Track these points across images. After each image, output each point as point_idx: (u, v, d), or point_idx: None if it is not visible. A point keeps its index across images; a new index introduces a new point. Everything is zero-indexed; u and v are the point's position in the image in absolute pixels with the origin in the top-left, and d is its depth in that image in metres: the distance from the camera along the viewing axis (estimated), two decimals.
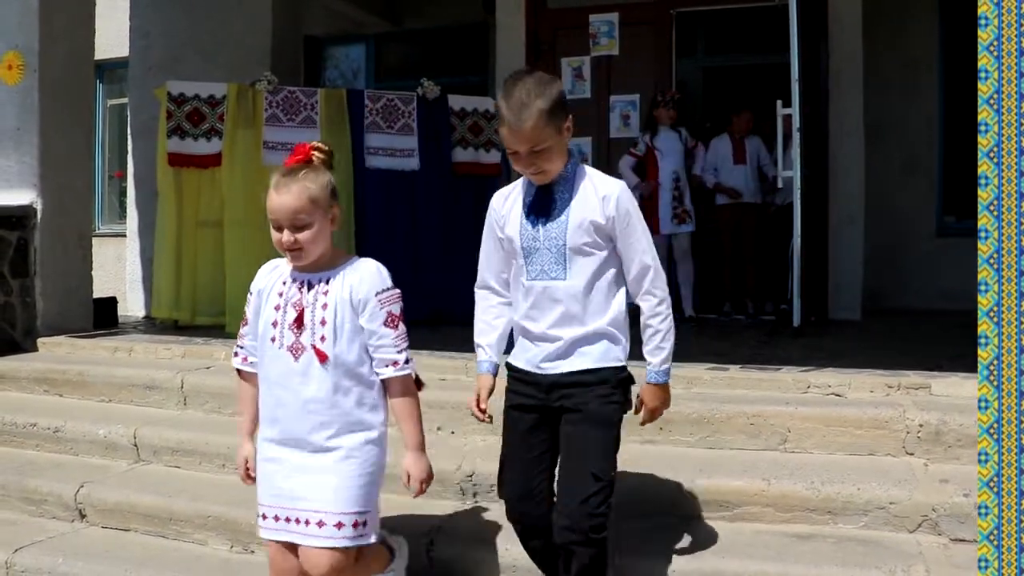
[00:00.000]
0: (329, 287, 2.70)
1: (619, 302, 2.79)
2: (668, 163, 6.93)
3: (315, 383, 2.65)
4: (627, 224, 2.70)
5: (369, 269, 2.74)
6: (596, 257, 2.71)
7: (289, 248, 2.66)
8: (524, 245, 2.75)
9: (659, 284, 2.77)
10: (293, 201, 2.61)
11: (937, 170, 8.06)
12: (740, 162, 7.23)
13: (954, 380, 4.08)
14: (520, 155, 2.63)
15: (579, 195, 2.71)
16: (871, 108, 7.23)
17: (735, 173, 7.22)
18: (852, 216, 7.11)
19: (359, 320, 2.68)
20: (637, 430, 3.91)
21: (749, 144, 7.24)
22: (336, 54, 10.07)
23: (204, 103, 6.63)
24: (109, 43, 9.12)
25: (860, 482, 3.40)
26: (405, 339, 2.74)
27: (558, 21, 7.71)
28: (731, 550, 3.18)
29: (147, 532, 3.80)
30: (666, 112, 6.94)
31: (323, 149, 2.75)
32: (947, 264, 7.77)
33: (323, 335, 2.65)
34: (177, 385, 4.77)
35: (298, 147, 2.75)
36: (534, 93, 2.58)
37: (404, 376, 2.73)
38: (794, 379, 4.13)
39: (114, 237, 9.76)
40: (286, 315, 2.70)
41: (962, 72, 7.95)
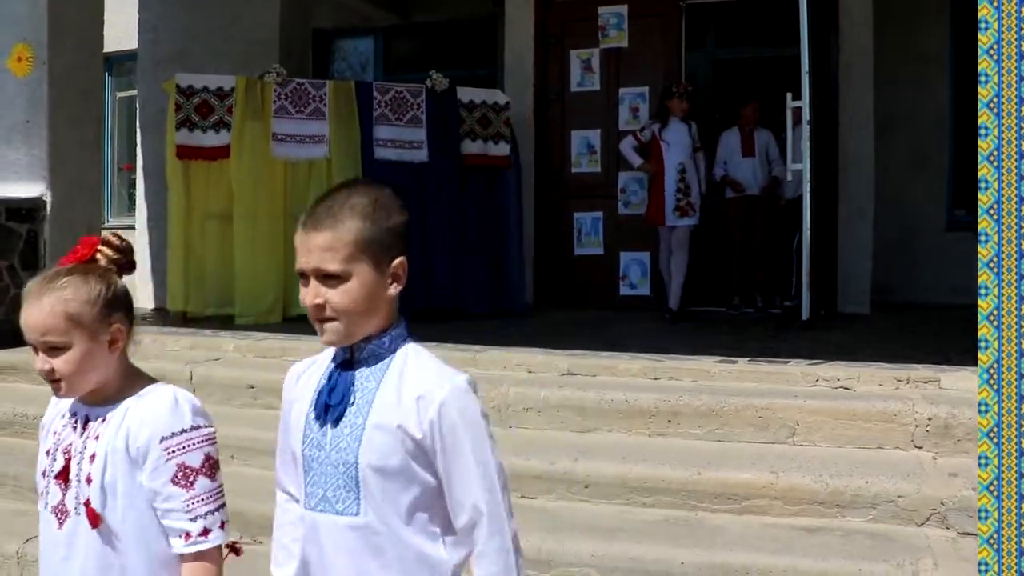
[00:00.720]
0: (102, 430, 1.91)
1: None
2: (675, 155, 6.86)
3: (80, 558, 1.91)
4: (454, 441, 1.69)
5: (157, 405, 1.90)
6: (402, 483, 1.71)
7: (45, 377, 1.90)
8: (305, 453, 1.79)
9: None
10: (41, 318, 1.85)
11: (947, 164, 8.03)
12: (749, 155, 7.22)
13: (963, 374, 4.07)
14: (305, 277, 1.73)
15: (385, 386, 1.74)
16: (881, 102, 7.20)
17: (743, 166, 7.21)
18: (861, 210, 7.09)
19: (139, 476, 1.87)
20: (645, 423, 3.95)
21: (758, 137, 7.23)
22: (344, 47, 10.06)
23: (213, 95, 6.64)
24: (118, 36, 9.11)
25: (868, 475, 3.40)
26: (209, 499, 1.90)
27: (567, 14, 7.69)
28: (739, 543, 3.18)
29: None
30: (679, 103, 6.88)
31: (115, 245, 1.97)
32: (957, 258, 7.73)
33: (87, 497, 1.89)
34: (186, 377, 4.77)
35: (83, 241, 2.01)
36: (357, 208, 1.73)
37: (200, 552, 1.88)
38: (803, 372, 4.13)
39: (123, 230, 9.73)
40: (54, 463, 1.99)
41: (972, 67, 7.91)
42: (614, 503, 3.55)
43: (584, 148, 7.52)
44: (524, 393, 4.16)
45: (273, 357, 5.06)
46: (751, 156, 7.22)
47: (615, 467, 3.60)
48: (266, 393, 4.56)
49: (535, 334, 5.66)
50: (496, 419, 3.82)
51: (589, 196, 7.40)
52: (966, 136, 7.94)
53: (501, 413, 4.09)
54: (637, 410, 3.96)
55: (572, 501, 3.59)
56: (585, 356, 4.61)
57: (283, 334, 5.58)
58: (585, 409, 4.03)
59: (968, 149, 7.90)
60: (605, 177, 7.51)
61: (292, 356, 5.00)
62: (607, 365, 4.43)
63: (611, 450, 3.75)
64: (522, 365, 4.49)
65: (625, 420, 3.97)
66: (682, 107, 6.89)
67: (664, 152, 6.86)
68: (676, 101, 6.89)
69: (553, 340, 5.09)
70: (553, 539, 3.25)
